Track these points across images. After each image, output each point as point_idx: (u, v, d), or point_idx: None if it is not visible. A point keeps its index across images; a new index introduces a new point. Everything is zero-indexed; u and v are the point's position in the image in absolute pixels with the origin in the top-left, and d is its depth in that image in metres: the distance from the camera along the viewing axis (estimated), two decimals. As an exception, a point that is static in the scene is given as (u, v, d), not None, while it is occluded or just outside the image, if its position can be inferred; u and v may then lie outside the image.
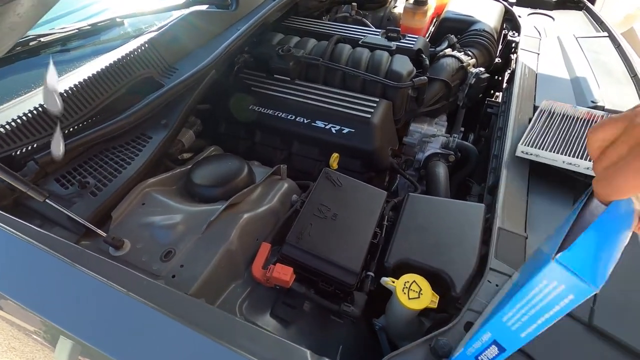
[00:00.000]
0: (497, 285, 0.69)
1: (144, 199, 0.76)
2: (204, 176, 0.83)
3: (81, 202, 0.72)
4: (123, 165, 0.79)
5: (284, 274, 0.68)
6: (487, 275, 0.69)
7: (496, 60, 1.40)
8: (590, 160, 0.81)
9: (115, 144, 0.84)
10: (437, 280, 0.69)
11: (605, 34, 1.34)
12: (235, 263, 0.72)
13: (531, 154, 0.88)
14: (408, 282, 0.66)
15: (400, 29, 1.26)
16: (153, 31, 1.04)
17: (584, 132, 0.90)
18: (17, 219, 0.61)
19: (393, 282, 0.66)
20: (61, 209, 0.62)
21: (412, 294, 0.65)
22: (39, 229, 0.59)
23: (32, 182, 0.75)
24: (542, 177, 0.88)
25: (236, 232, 0.71)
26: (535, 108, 1.06)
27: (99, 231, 0.64)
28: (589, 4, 1.53)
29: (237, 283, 0.73)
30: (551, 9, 1.57)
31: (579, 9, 1.56)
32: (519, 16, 1.52)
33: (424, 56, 1.20)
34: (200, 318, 0.52)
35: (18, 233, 0.58)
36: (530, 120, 1.00)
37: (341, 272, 0.69)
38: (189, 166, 0.88)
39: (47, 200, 0.61)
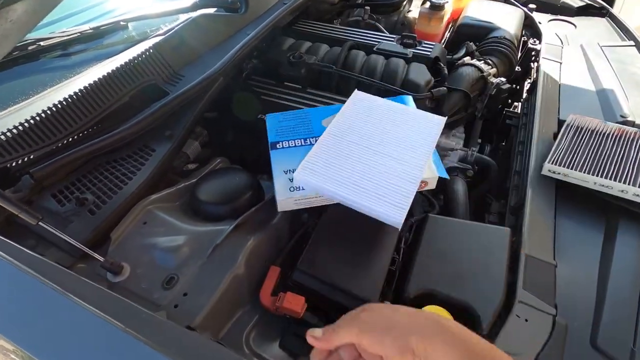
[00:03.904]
0: (526, 320, 0.63)
1: (145, 217, 0.71)
2: (209, 192, 0.77)
3: (78, 221, 0.67)
4: (124, 180, 0.74)
5: (295, 304, 0.63)
6: (516, 309, 0.64)
7: (516, 68, 1.33)
8: (629, 184, 0.76)
9: (116, 157, 0.79)
10: (461, 313, 0.63)
11: (632, 42, 1.27)
12: (242, 289, 0.67)
13: (559, 174, 0.82)
14: (430, 315, 0.61)
15: (415, 34, 1.20)
16: (158, 35, 0.99)
17: (615, 150, 0.84)
18: (6, 240, 0.56)
19: (413, 314, 0.61)
20: (56, 232, 0.57)
21: (434, 328, 0.60)
22: (29, 252, 0.55)
23: (27, 198, 0.70)
24: (570, 198, 0.82)
25: (244, 257, 0.66)
26: (559, 121, 0.99)
27: (96, 255, 0.59)
28: (613, 11, 1.47)
29: (244, 310, 0.68)
30: (573, 16, 1.50)
31: (602, 15, 1.49)
32: (539, 22, 1.46)
33: (441, 64, 1.14)
34: (205, 358, 0.48)
35: (6, 256, 0.53)
36: (555, 135, 0.94)
37: (356, 303, 0.64)
38: (194, 180, 0.82)
39: (40, 223, 0.56)
